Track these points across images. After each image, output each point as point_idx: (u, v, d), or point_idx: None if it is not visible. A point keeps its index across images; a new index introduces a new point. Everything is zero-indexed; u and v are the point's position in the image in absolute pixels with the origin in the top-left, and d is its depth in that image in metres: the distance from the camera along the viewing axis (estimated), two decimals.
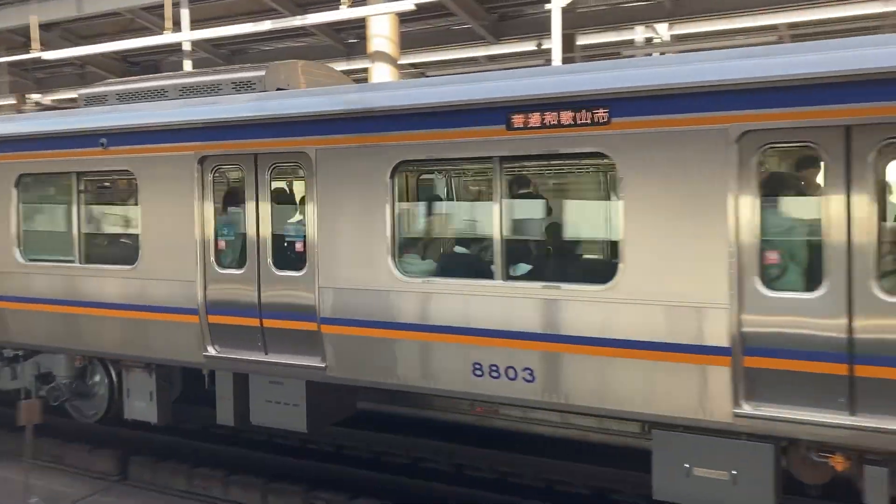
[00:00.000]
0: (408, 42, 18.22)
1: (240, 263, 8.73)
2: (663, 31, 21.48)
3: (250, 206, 8.60)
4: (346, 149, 7.95)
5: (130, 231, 9.68)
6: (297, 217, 8.48)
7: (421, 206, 8.56)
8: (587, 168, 7.91)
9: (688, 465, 6.78)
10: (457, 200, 8.84)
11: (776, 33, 20.84)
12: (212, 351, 8.95)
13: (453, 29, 20.23)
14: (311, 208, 8.18)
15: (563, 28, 13.24)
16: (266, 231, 8.51)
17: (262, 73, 9.06)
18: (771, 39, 20.41)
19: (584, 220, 7.76)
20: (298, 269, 8.32)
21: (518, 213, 7.46)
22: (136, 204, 9.27)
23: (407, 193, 8.76)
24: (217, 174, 8.90)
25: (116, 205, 10.39)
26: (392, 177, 7.70)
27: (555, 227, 7.76)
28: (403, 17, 16.58)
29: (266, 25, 16.20)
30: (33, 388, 10.74)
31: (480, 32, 19.33)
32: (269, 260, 8.49)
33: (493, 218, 7.24)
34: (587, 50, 21.84)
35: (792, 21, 19.98)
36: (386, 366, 7.89)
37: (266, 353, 8.66)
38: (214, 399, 9.36)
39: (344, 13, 14.18)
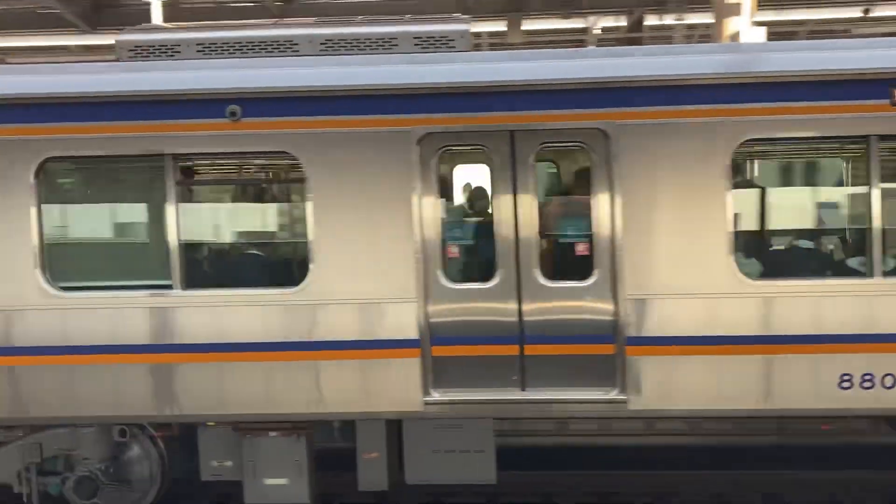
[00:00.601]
0: None
1: (484, 275, 6.61)
2: None
3: (503, 199, 6.53)
4: (662, 124, 6.39)
5: (285, 239, 6.85)
6: (579, 211, 6.60)
7: (761, 193, 7.17)
8: None
9: None
10: (803, 185, 7.61)
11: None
12: (436, 395, 6.65)
13: (40, 13, 18.62)
14: (603, 199, 6.45)
15: (166, 23, 13.19)
16: (529, 231, 6.53)
17: (466, 27, 6.96)
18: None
19: None
20: (582, 277, 6.53)
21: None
22: (303, 200, 6.54)
23: (745, 178, 7.31)
24: (445, 157, 6.63)
25: (256, 202, 7.24)
26: (733, 158, 6.37)
27: None
28: None
29: None
30: (26, 484, 7.16)
31: (71, 19, 18.07)
32: (536, 268, 6.54)
33: (873, 204, 6.33)
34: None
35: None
36: (716, 391, 6.51)
37: (524, 389, 6.67)
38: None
39: None
